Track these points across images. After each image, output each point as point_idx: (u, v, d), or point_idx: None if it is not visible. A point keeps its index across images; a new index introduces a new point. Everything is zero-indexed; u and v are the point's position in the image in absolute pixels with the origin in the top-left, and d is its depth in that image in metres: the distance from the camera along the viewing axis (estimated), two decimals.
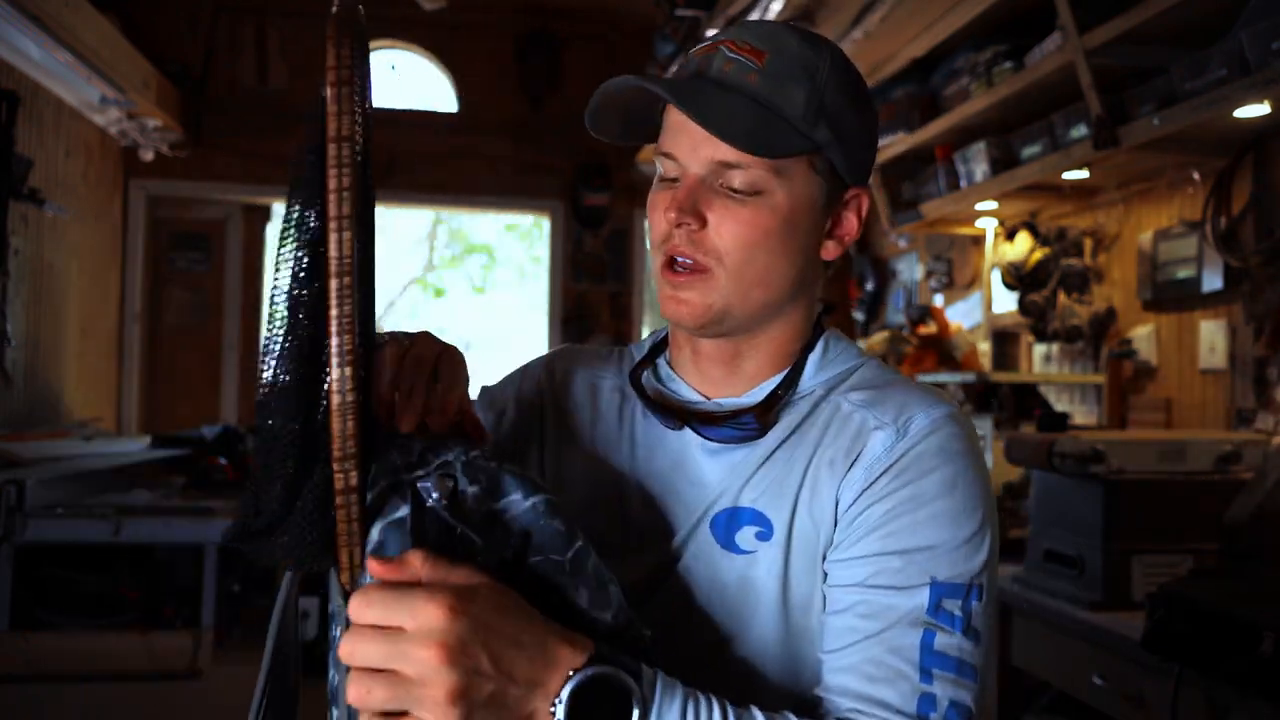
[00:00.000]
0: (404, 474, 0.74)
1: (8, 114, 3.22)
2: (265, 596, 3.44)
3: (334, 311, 0.68)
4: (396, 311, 14.48)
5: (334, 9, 0.72)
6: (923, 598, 0.81)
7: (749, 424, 0.90)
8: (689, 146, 0.87)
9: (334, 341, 0.68)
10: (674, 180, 0.89)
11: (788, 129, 0.86)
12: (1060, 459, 2.03)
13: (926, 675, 0.79)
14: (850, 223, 0.93)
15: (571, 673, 0.68)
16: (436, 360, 0.83)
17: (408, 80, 5.47)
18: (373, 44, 5.02)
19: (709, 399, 0.95)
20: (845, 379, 0.93)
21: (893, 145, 3.56)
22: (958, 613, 0.81)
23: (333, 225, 0.68)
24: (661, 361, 1.00)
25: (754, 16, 3.34)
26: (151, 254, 5.14)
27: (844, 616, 0.83)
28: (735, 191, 0.86)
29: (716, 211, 0.86)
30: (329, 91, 0.68)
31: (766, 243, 0.87)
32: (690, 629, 0.88)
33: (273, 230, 5.62)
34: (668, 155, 0.89)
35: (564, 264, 5.40)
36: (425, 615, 0.65)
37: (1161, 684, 1.71)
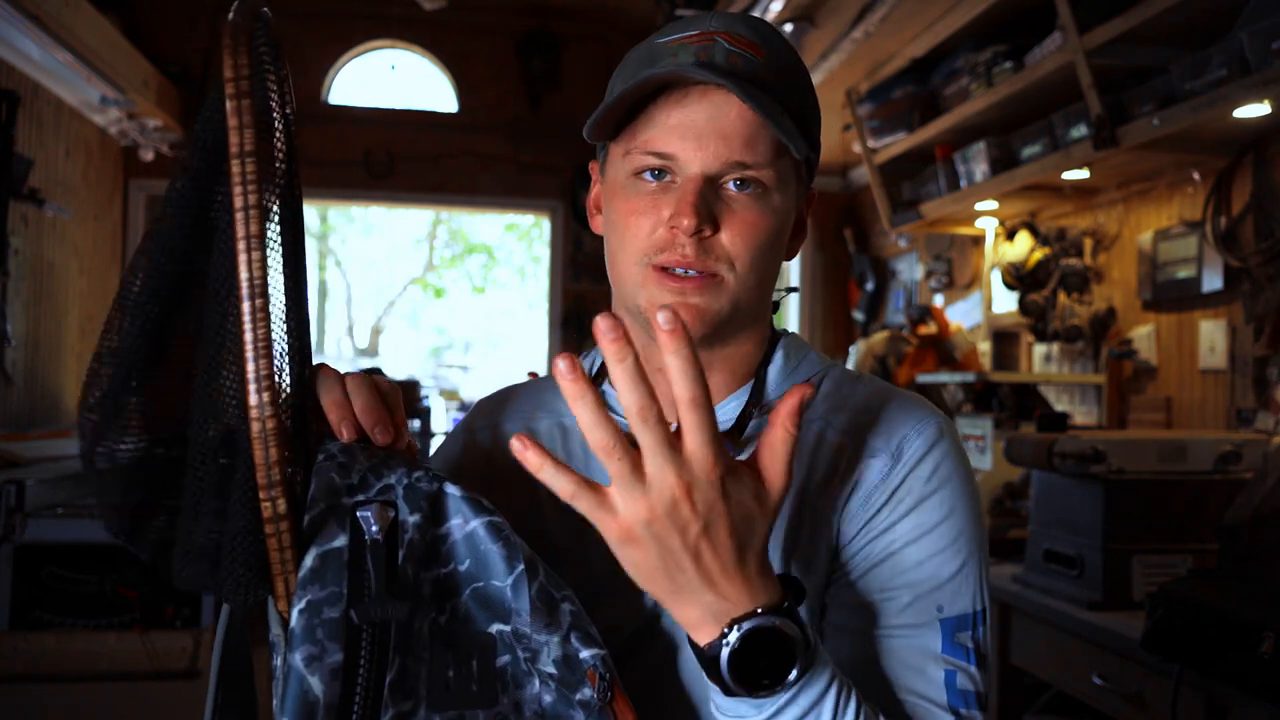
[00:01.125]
0: (344, 497, 0.71)
1: (8, 114, 3.22)
2: None
3: (248, 336, 0.66)
4: (396, 311, 14.48)
5: (231, 14, 0.68)
6: (935, 636, 0.79)
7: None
8: (695, 145, 0.79)
9: (250, 367, 0.66)
10: (663, 180, 0.82)
11: (794, 129, 0.80)
12: (1060, 459, 2.03)
13: (955, 714, 0.78)
14: (805, 224, 0.91)
15: (760, 609, 0.66)
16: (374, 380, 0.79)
17: (408, 80, 5.47)
18: (373, 44, 4.98)
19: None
20: (815, 391, 0.88)
21: (893, 145, 3.56)
22: (969, 644, 0.80)
23: (241, 245, 0.66)
24: (607, 387, 0.91)
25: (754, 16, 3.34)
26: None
27: (862, 665, 0.80)
28: (746, 193, 0.81)
29: (727, 216, 0.80)
30: (228, 105, 0.66)
31: (770, 246, 0.83)
32: (686, 674, 0.83)
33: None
34: (660, 155, 0.81)
35: (564, 264, 5.40)
36: (695, 458, 0.63)
37: (1161, 684, 1.71)
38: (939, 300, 4.15)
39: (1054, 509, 2.14)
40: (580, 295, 5.37)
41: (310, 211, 12.77)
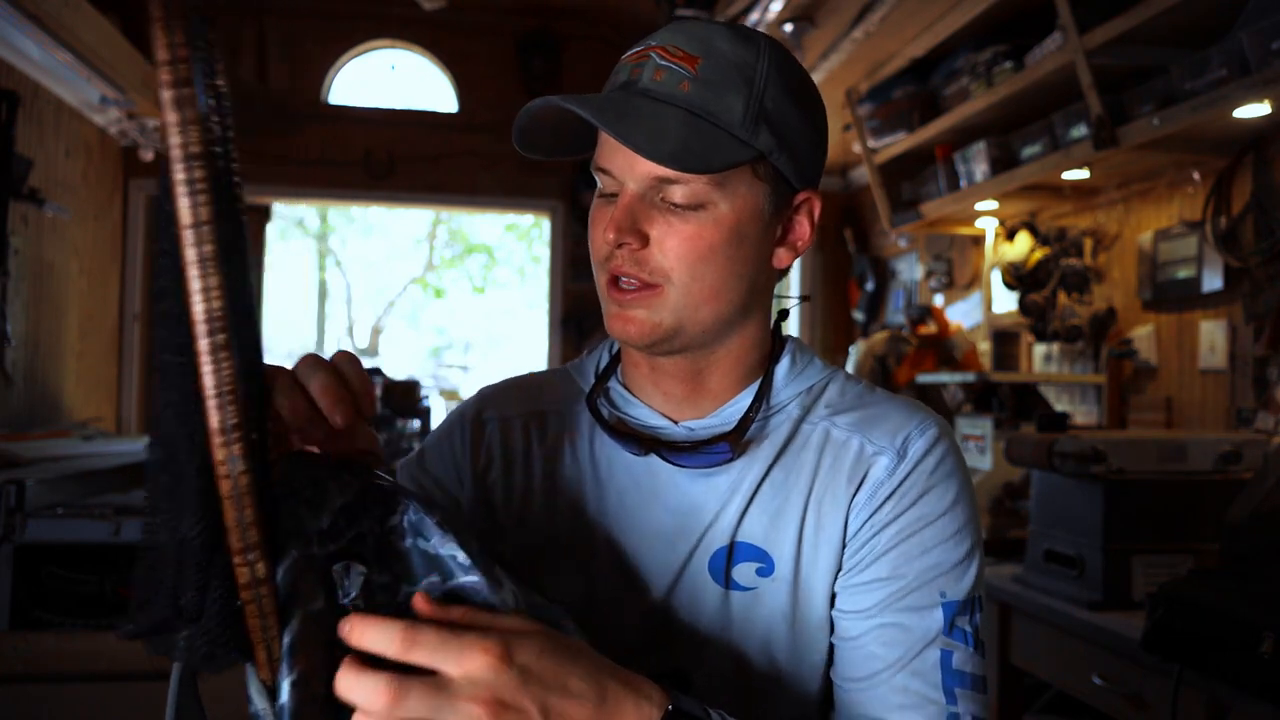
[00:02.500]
0: (315, 546, 0.63)
1: (8, 114, 3.22)
2: None
3: (209, 381, 0.55)
4: (396, 311, 14.49)
5: None
6: (938, 618, 0.82)
7: (722, 451, 0.86)
8: (624, 163, 0.82)
9: (214, 417, 0.56)
10: (612, 196, 0.85)
11: (726, 139, 0.81)
12: (1060, 459, 2.03)
13: (950, 696, 0.80)
14: (802, 228, 0.89)
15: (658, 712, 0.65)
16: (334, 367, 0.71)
17: (408, 80, 5.47)
18: (373, 44, 4.98)
19: (675, 422, 0.90)
20: (819, 395, 0.91)
21: (893, 145, 3.56)
22: (968, 628, 0.83)
23: (194, 271, 0.54)
24: (614, 384, 0.94)
25: (754, 16, 3.34)
26: (152, 254, 5.13)
27: (863, 644, 0.83)
28: (676, 206, 0.82)
29: (658, 228, 0.82)
30: (165, 96, 0.54)
31: (713, 257, 0.82)
32: (694, 669, 0.86)
33: (273, 230, 5.62)
34: (604, 171, 0.84)
35: (564, 264, 5.40)
36: (474, 663, 0.59)
37: (1161, 684, 1.71)
38: (939, 300, 4.15)
39: (1054, 509, 2.14)
40: (580, 295, 5.37)
41: (310, 211, 12.80)
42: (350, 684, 0.58)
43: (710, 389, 0.90)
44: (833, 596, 0.86)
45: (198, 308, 0.55)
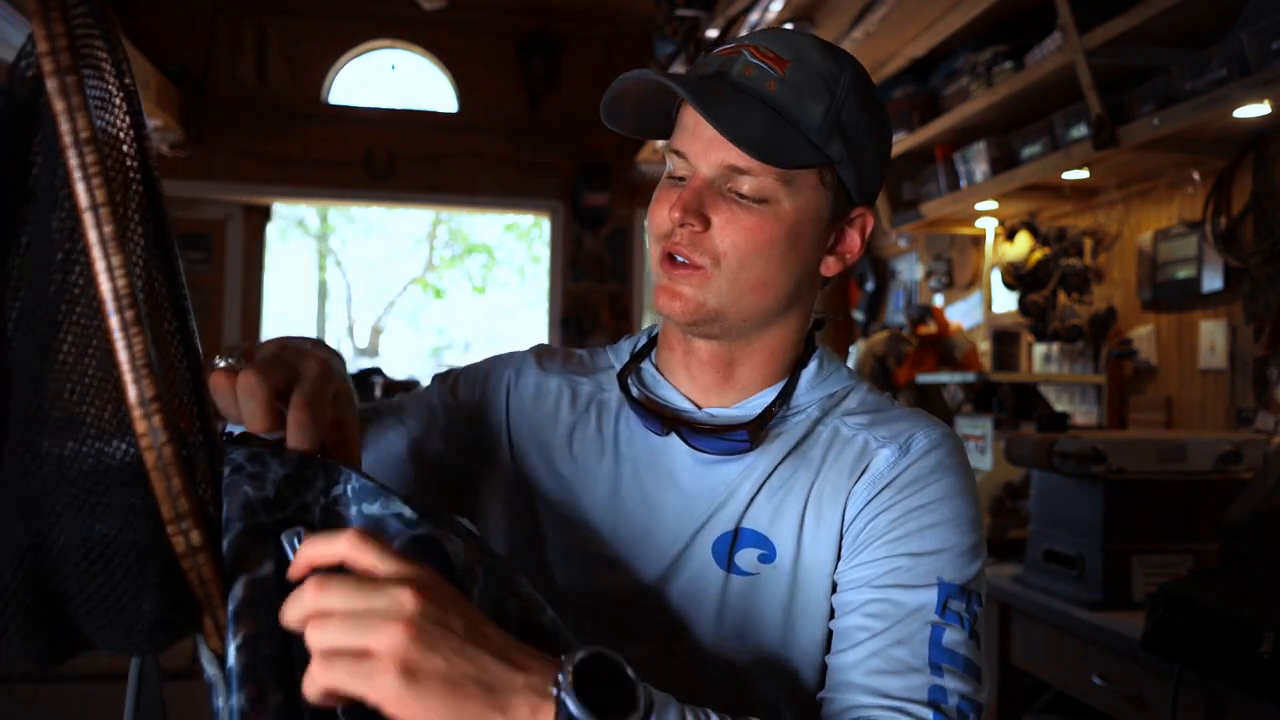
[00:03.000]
0: (261, 515, 0.65)
1: None
2: None
3: (123, 356, 0.56)
4: (396, 311, 14.49)
5: None
6: (931, 596, 0.82)
7: (741, 439, 0.89)
8: (701, 147, 0.86)
9: (131, 391, 0.57)
10: (681, 179, 0.89)
11: (801, 140, 0.85)
12: (1060, 459, 2.03)
13: (936, 669, 0.80)
14: (853, 240, 0.93)
15: (564, 657, 0.62)
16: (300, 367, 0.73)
17: (408, 80, 5.47)
18: (373, 44, 4.97)
19: (699, 407, 0.94)
20: (840, 401, 0.94)
21: (893, 145, 3.55)
22: (964, 614, 0.83)
23: (97, 253, 0.56)
24: (647, 365, 0.98)
25: (754, 16, 3.34)
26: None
27: (852, 616, 0.84)
28: (742, 197, 0.86)
29: (721, 215, 0.86)
30: (50, 85, 0.54)
31: (767, 250, 0.86)
32: (686, 645, 0.88)
33: (273, 230, 5.62)
34: (679, 153, 0.88)
35: (564, 264, 5.40)
36: (394, 597, 0.58)
37: (1161, 684, 1.71)
38: (939, 300, 4.16)
39: (1054, 509, 2.14)
40: (580, 295, 5.37)
41: (310, 211, 12.80)
42: (316, 546, 0.61)
43: (739, 380, 0.93)
44: (833, 586, 0.87)
45: (104, 286, 0.56)
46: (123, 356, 0.57)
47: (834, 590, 0.87)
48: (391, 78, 5.43)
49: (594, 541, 0.91)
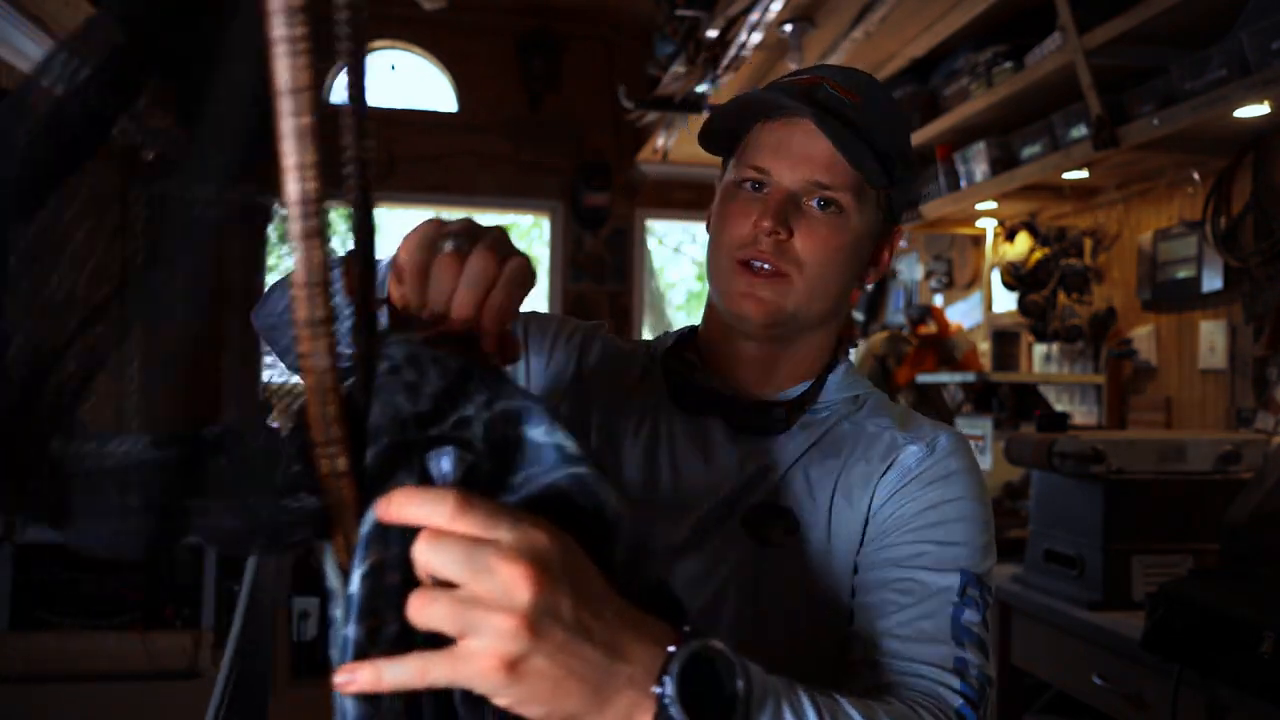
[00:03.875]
0: (411, 430, 0.61)
1: None
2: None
3: (299, 270, 0.54)
4: None
5: None
6: (954, 580, 0.87)
7: (779, 417, 0.97)
8: (787, 162, 0.94)
9: (301, 310, 0.54)
10: (757, 188, 0.96)
11: (877, 164, 0.94)
12: (1060, 459, 2.03)
13: (959, 643, 0.85)
14: (885, 256, 1.03)
15: (672, 649, 0.59)
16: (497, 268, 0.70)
17: (408, 80, 5.47)
18: (373, 44, 4.96)
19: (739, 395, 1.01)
20: (861, 404, 1.01)
21: None
22: (980, 600, 0.88)
23: (289, 145, 0.52)
24: (691, 356, 1.05)
25: (754, 16, 3.34)
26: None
27: (881, 591, 0.89)
28: (820, 209, 0.94)
29: (802, 226, 0.94)
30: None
31: (838, 258, 0.95)
32: (718, 612, 0.92)
33: (273, 230, 5.61)
34: (758, 169, 0.95)
35: (564, 264, 5.40)
36: (506, 582, 0.54)
37: (1161, 684, 1.71)
38: (939, 300, 4.15)
39: (1054, 509, 2.14)
40: (580, 295, 5.37)
41: None
42: (414, 502, 0.56)
43: (777, 378, 1.01)
44: (855, 568, 0.92)
45: (291, 187, 0.51)
46: (299, 270, 0.52)
47: (856, 571, 0.92)
48: (391, 78, 5.43)
49: (634, 497, 0.95)
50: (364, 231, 0.63)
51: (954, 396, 3.40)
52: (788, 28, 3.35)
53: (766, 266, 0.94)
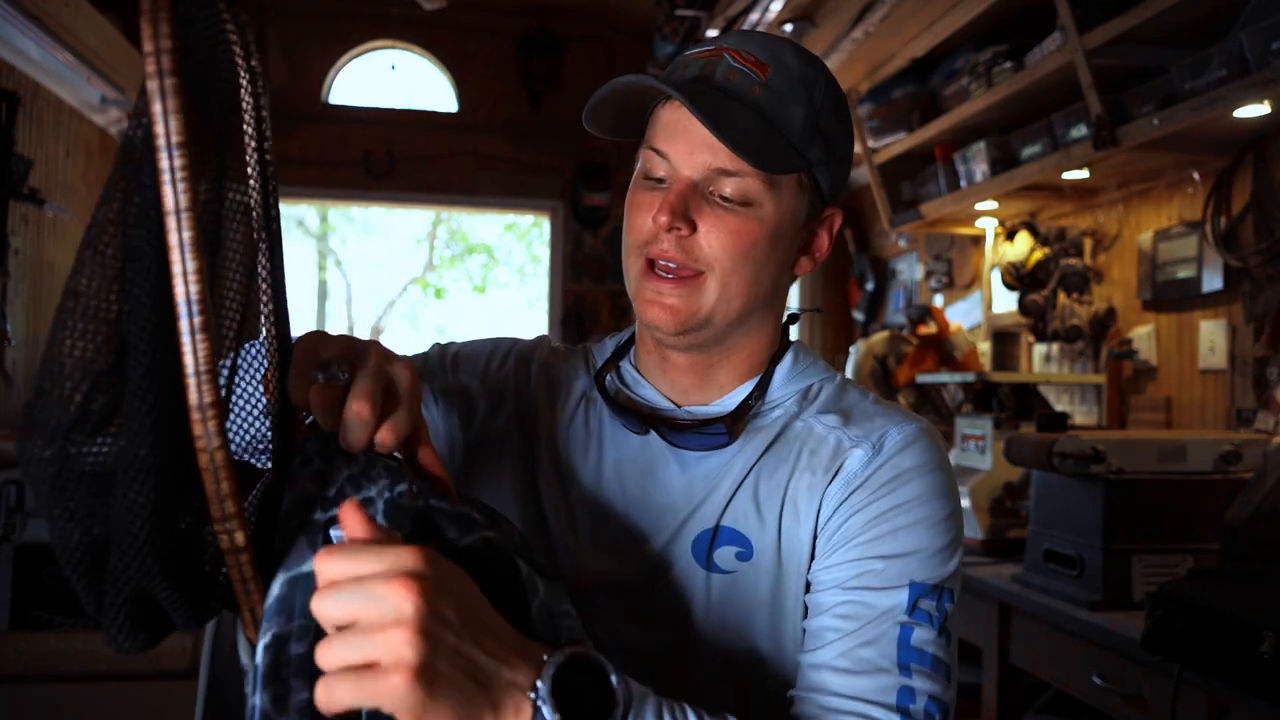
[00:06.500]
0: (317, 512, 0.67)
1: (8, 114, 3.22)
2: None
3: (188, 360, 0.58)
4: (396, 311, 14.49)
5: None
6: (902, 597, 0.82)
7: (719, 432, 0.89)
8: (685, 149, 0.86)
9: (193, 395, 0.58)
10: (660, 180, 0.88)
11: (786, 145, 0.86)
12: (1060, 459, 2.03)
13: (905, 670, 0.79)
14: (822, 240, 0.95)
15: (546, 657, 0.63)
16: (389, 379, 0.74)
17: (408, 80, 5.47)
18: (373, 44, 4.99)
19: (678, 406, 0.94)
20: (814, 397, 0.94)
21: (893, 145, 3.56)
22: (934, 612, 0.83)
23: (175, 256, 0.57)
24: (626, 365, 0.99)
25: (754, 16, 3.34)
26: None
27: (823, 617, 0.84)
28: (725, 200, 0.86)
29: (707, 219, 0.86)
30: (149, 86, 0.55)
31: (753, 252, 0.87)
32: (672, 641, 0.88)
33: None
34: (660, 154, 0.87)
35: (564, 264, 5.40)
36: (392, 600, 0.57)
37: (1161, 684, 1.71)
38: (939, 300, 4.15)
39: (1054, 509, 2.13)
40: (580, 295, 5.37)
41: (310, 211, 12.80)
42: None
43: (716, 380, 0.93)
44: (807, 586, 0.87)
45: (178, 290, 0.57)
46: (188, 360, 0.58)
47: (807, 590, 0.87)
48: (391, 78, 5.43)
49: (581, 531, 0.92)
50: (281, 332, 0.70)
51: (954, 396, 3.40)
52: (788, 28, 3.35)
53: (672, 266, 0.86)
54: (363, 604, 0.57)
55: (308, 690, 0.61)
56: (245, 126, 0.64)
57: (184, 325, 0.58)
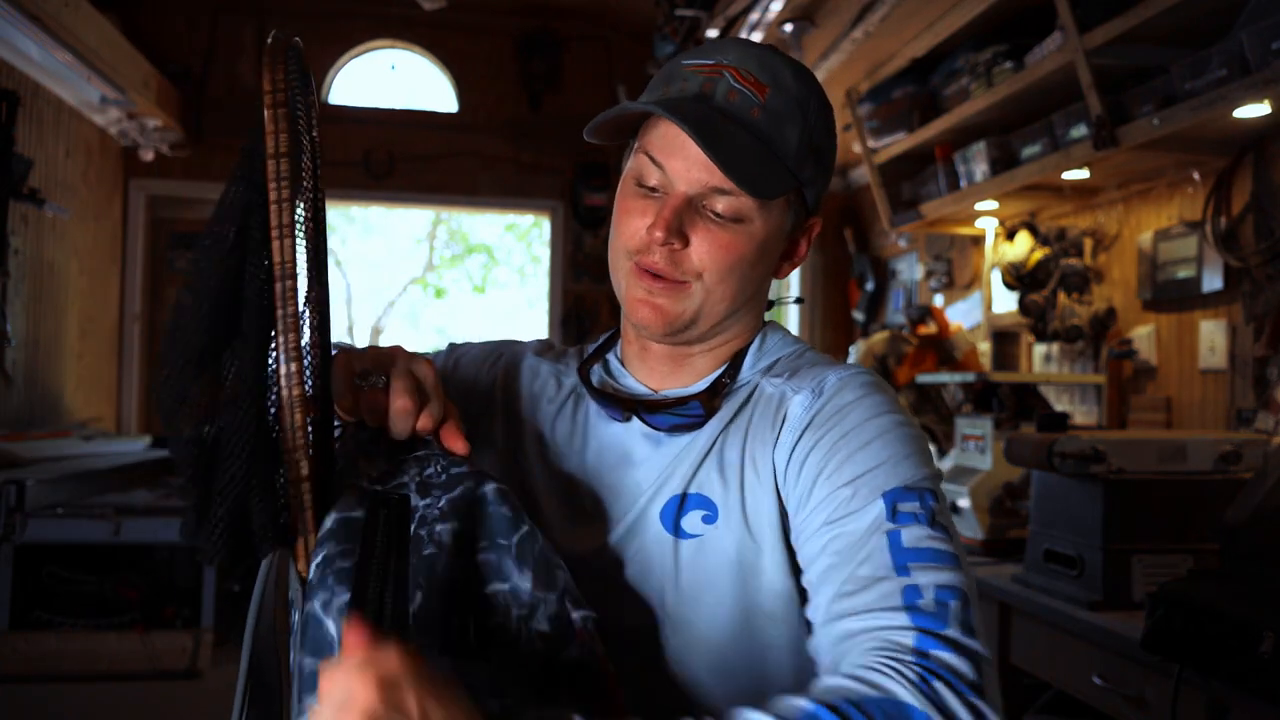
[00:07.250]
0: (365, 480, 0.80)
1: (8, 114, 3.22)
2: None
3: (280, 311, 0.73)
4: (396, 311, 14.49)
5: (270, 38, 0.81)
6: (878, 508, 0.83)
7: (694, 410, 0.93)
8: (682, 166, 0.89)
9: (281, 339, 0.73)
10: (653, 189, 0.92)
11: (782, 169, 0.90)
12: (1060, 459, 2.03)
13: (904, 570, 0.79)
14: (803, 247, 1.00)
15: None
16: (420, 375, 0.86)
17: (408, 80, 5.47)
18: (373, 44, 5.02)
19: (656, 391, 0.99)
20: (772, 366, 0.98)
21: (893, 145, 3.56)
22: (918, 511, 0.83)
23: (275, 234, 0.73)
24: (611, 357, 1.05)
25: (754, 16, 3.34)
26: (151, 254, 5.14)
27: (818, 561, 0.85)
28: (718, 216, 0.90)
29: (699, 234, 0.90)
30: (266, 114, 0.75)
31: (740, 266, 0.91)
32: (648, 609, 0.91)
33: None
34: (656, 164, 0.91)
35: (564, 264, 5.40)
36: (349, 689, 0.61)
37: (1161, 684, 1.71)
38: (939, 300, 4.15)
39: (1054, 509, 2.13)
40: (580, 295, 5.37)
41: None
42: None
43: (695, 368, 0.98)
44: (786, 546, 0.88)
45: (277, 257, 0.73)
46: (280, 313, 0.74)
47: (795, 550, 0.88)
48: (391, 78, 5.43)
49: (563, 515, 0.96)
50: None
51: (954, 396, 3.40)
52: (788, 28, 3.35)
53: (663, 276, 0.91)
54: (337, 703, 0.61)
55: (348, 593, 0.72)
56: (305, 160, 0.79)
57: (278, 287, 0.73)
